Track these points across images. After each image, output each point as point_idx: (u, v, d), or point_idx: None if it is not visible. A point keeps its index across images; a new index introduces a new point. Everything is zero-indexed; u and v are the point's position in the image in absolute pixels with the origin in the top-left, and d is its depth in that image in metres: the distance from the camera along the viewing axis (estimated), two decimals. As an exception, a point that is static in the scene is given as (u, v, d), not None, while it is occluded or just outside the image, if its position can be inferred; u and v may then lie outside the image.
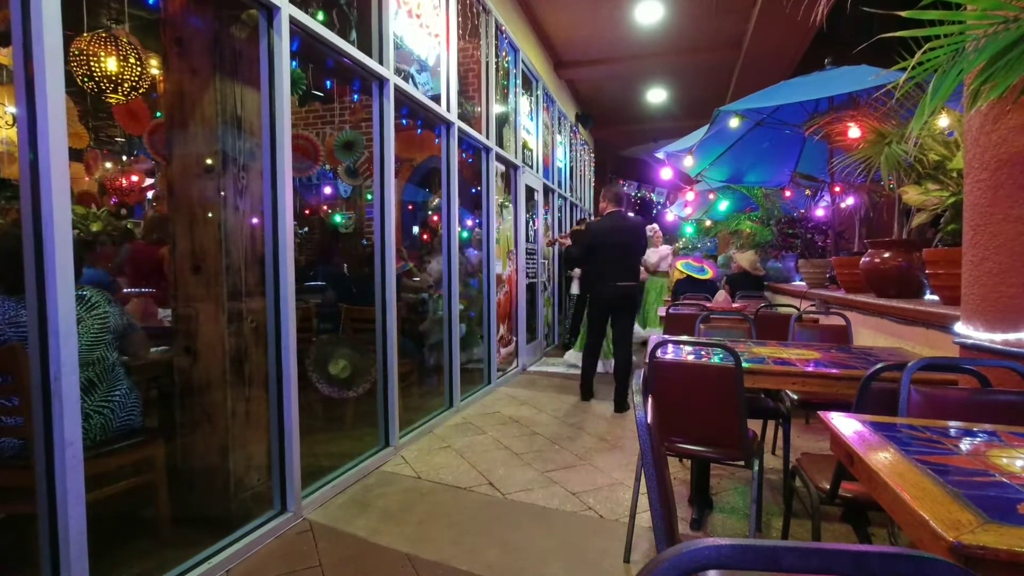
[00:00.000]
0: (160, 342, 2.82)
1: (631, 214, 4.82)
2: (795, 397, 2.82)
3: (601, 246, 4.68)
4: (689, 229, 8.96)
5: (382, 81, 3.41)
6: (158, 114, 4.03)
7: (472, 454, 3.46)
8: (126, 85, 2.63)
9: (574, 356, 6.72)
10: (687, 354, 2.41)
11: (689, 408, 2.15)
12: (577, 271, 7.15)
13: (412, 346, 4.77)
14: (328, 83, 4.57)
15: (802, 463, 2.04)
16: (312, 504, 2.71)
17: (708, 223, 8.71)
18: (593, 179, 11.02)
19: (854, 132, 3.20)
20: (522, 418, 4.27)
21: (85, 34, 2.66)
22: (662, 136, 11.30)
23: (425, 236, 8.18)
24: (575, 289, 7.43)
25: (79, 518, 1.69)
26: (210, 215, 2.53)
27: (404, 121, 4.70)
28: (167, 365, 2.62)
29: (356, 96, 4.06)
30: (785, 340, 3.47)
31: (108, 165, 5.74)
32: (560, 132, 8.31)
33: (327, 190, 6.08)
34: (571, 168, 9.00)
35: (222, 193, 2.54)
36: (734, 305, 5.00)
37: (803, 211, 4.81)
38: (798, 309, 4.25)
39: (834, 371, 2.11)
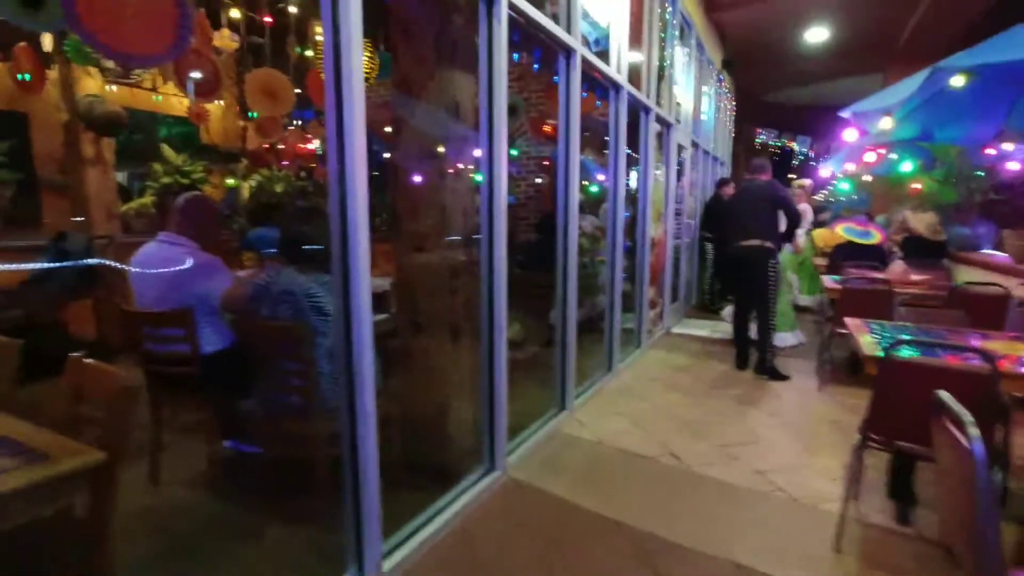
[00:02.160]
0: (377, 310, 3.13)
1: (763, 178, 4.64)
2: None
3: (737, 208, 4.80)
4: (845, 185, 8.21)
5: (569, 51, 3.40)
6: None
7: (644, 421, 3.58)
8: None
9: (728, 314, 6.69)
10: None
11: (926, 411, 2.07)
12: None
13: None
14: (515, 56, 4.62)
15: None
16: (514, 463, 2.98)
17: (868, 178, 7.93)
18: (732, 128, 10.37)
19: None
20: (681, 385, 4.32)
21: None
22: (814, 79, 10.29)
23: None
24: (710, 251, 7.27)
25: (374, 468, 2.00)
26: (433, 197, 2.74)
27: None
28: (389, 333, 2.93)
29: (537, 66, 4.09)
30: (998, 327, 3.20)
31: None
32: (706, 82, 7.84)
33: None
34: (716, 119, 8.52)
35: (441, 176, 2.73)
36: (913, 278, 4.62)
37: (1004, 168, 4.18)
38: (1000, 285, 3.85)
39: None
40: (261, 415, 2.59)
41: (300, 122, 6.81)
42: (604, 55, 4.17)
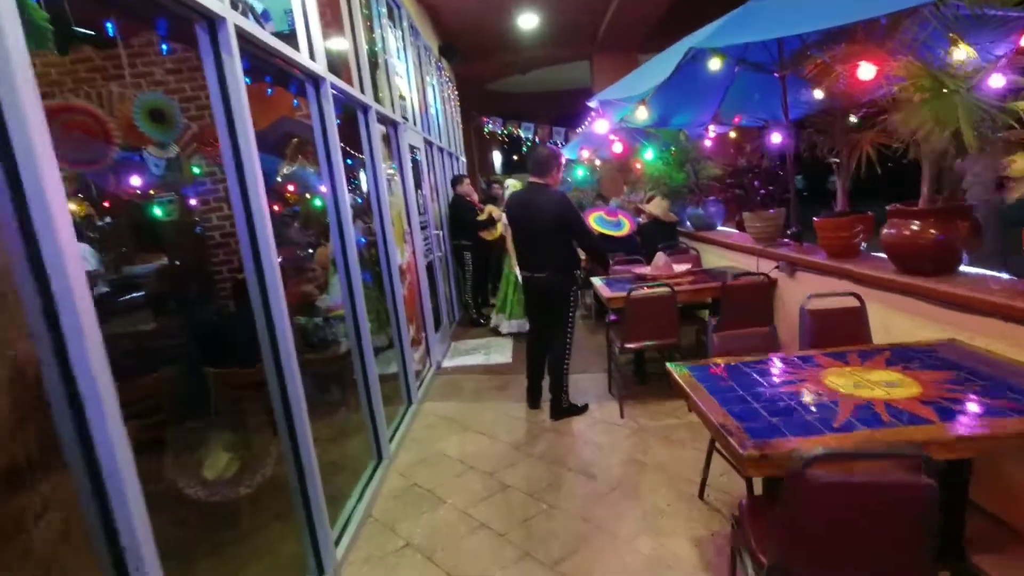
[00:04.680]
0: None
1: (550, 184, 3.67)
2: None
3: (514, 228, 3.90)
4: (580, 172, 8.32)
5: (212, 20, 2.06)
6: None
7: (444, 553, 2.52)
8: None
9: (504, 323, 6.04)
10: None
11: (853, 542, 1.42)
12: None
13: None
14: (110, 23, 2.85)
15: None
16: None
17: (598, 163, 8.12)
18: (460, 120, 9.85)
19: (866, 71, 2.59)
20: (476, 457, 3.38)
21: None
22: (531, 66, 10.35)
23: (277, 207, 6.66)
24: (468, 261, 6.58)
25: None
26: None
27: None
28: None
29: (166, 47, 2.56)
30: (765, 316, 2.97)
31: None
32: (428, 71, 7.01)
33: (134, 180, 4.27)
34: (444, 112, 7.77)
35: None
36: (677, 269, 4.44)
37: (749, 157, 4.25)
38: (766, 275, 3.79)
39: None
40: None
41: None
42: (291, 39, 2.91)
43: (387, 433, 3.49)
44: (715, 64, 3.04)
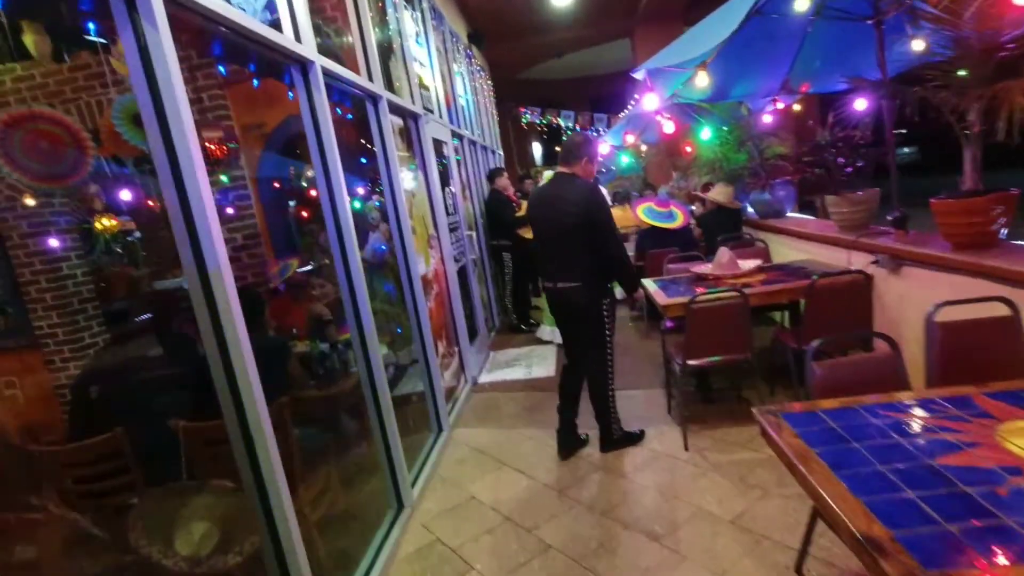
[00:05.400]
0: None
1: (578, 174, 3.00)
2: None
3: (534, 227, 3.23)
4: (625, 159, 7.61)
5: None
6: None
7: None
8: None
9: (548, 332, 5.50)
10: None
11: None
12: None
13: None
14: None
15: None
16: None
17: (643, 148, 7.41)
18: (495, 112, 9.30)
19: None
20: (511, 505, 2.84)
21: None
22: (567, 48, 9.68)
23: (305, 213, 6.31)
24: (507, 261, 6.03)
25: None
26: None
27: (223, 69, 2.81)
28: None
29: (91, 26, 2.09)
30: (862, 326, 2.28)
31: None
32: (456, 59, 6.48)
33: (125, 195, 3.89)
34: (476, 103, 7.23)
35: None
36: (745, 267, 3.75)
37: (832, 128, 3.48)
38: (862, 272, 3.08)
39: None
40: None
41: None
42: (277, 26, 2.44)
43: (408, 477, 2.99)
44: (802, 3, 2.36)
